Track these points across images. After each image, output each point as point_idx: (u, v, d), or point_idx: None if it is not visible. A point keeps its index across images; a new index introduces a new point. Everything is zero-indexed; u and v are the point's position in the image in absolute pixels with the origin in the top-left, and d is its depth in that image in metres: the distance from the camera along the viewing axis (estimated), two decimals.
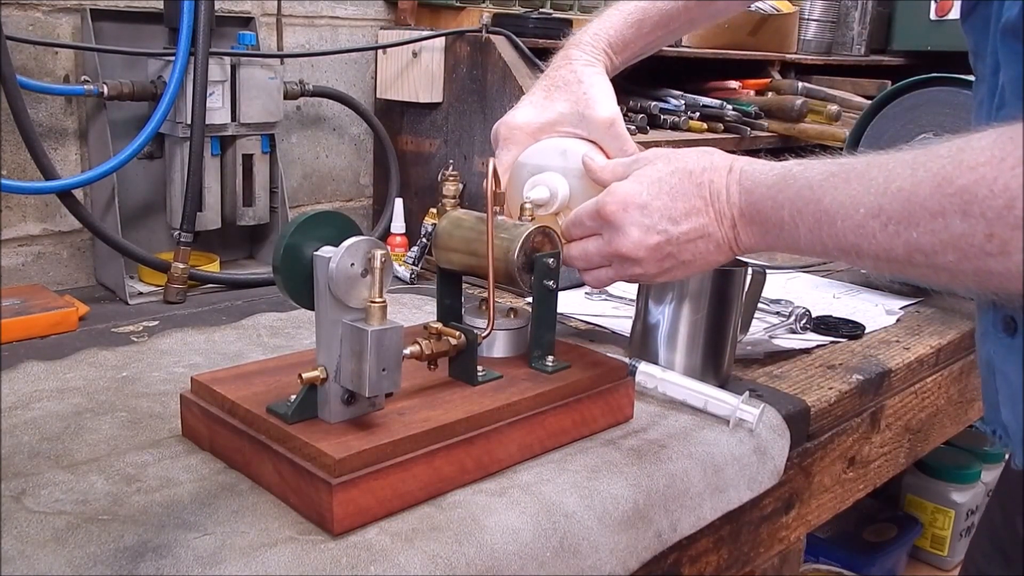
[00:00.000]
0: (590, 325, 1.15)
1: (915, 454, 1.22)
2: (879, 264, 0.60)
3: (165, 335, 1.01)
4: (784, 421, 0.89)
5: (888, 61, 2.11)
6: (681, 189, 0.71)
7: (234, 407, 0.70)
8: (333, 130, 1.49)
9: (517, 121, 0.88)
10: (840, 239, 0.61)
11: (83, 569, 0.57)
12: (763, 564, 0.96)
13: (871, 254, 0.59)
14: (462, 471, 0.69)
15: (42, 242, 1.20)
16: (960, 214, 0.53)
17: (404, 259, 1.33)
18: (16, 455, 0.71)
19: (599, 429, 0.81)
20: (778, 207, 0.65)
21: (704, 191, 0.70)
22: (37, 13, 1.14)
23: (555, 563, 0.65)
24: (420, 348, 0.73)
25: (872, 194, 0.58)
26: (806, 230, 0.63)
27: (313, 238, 0.67)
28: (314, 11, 1.42)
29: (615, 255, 0.75)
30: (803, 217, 0.63)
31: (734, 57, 1.72)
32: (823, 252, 0.64)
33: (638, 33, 0.91)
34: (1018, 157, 0.51)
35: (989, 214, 0.52)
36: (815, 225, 0.62)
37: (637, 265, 0.74)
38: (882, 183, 0.58)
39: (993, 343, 0.71)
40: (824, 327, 1.16)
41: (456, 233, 0.84)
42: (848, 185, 0.60)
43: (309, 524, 0.63)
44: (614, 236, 0.74)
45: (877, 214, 0.58)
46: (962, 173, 0.53)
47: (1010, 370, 0.69)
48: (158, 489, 0.67)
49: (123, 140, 1.15)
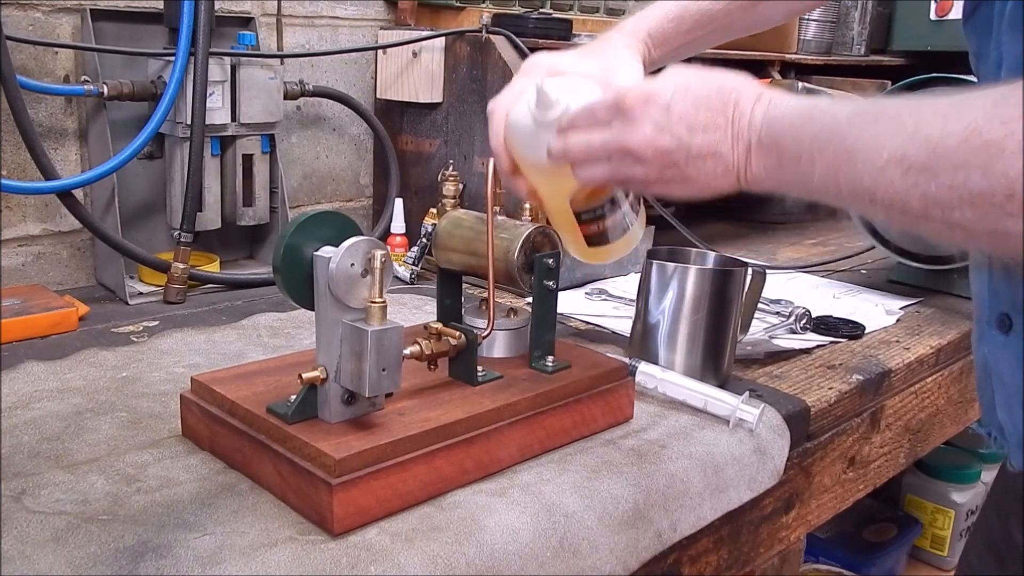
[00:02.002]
0: (590, 325, 1.15)
1: (915, 454, 1.22)
2: (891, 214, 0.57)
3: (165, 335, 1.01)
4: (784, 421, 0.89)
5: (888, 61, 2.11)
6: (707, 100, 0.66)
7: (234, 407, 0.70)
8: (333, 130, 1.49)
9: (541, 60, 0.84)
10: (856, 182, 0.57)
11: (83, 569, 0.57)
12: (763, 564, 0.96)
13: (885, 201, 0.56)
14: (462, 471, 0.69)
15: (42, 242, 1.20)
16: (982, 169, 0.50)
17: (404, 259, 1.33)
18: (16, 455, 0.71)
19: (599, 429, 0.81)
20: (798, 140, 0.62)
21: (729, 109, 0.65)
22: (37, 13, 1.14)
23: (555, 563, 0.65)
24: (420, 348, 0.73)
25: (899, 138, 0.55)
26: (823, 167, 0.59)
27: (313, 238, 0.67)
28: (314, 11, 1.42)
29: (620, 149, 0.69)
30: (823, 154, 0.59)
31: (734, 57, 1.72)
32: (835, 194, 0.60)
33: (677, 29, 0.89)
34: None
35: (1011, 173, 0.49)
36: (833, 163, 0.59)
37: (639, 164, 0.68)
38: (911, 128, 0.54)
39: (989, 343, 0.70)
40: (824, 327, 1.16)
41: (456, 233, 0.84)
42: (876, 126, 0.57)
43: (309, 524, 0.63)
44: (625, 128, 0.68)
45: (900, 160, 0.54)
46: (993, 128, 0.50)
47: (1005, 370, 0.68)
48: (158, 489, 0.67)
49: (123, 140, 1.15)
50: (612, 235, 0.81)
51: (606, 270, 1.39)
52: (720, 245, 1.62)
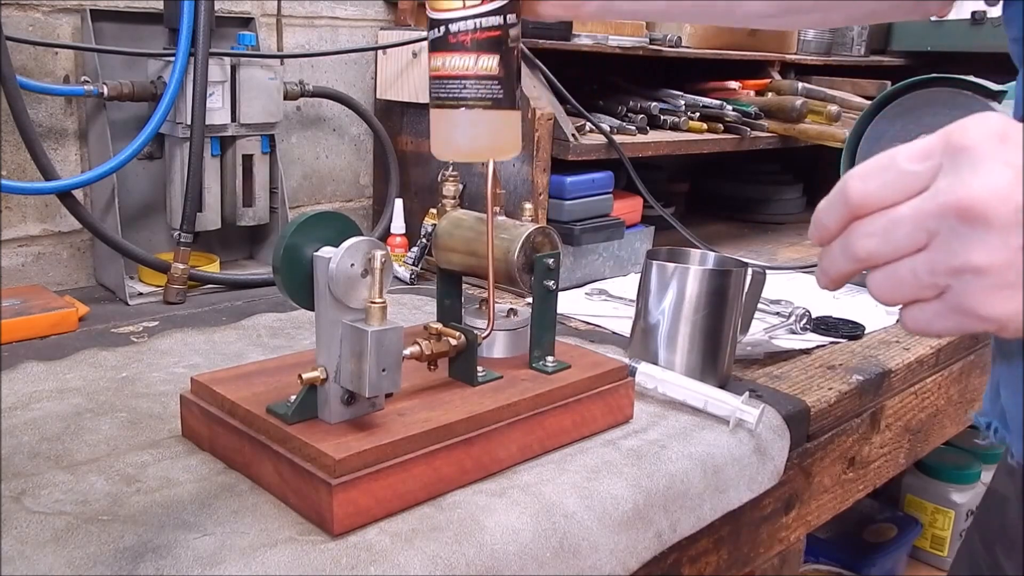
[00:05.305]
0: (590, 325, 1.15)
1: (915, 454, 1.22)
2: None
3: (165, 335, 1.01)
4: (784, 421, 0.89)
5: (888, 61, 2.11)
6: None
7: (234, 407, 0.70)
8: (333, 130, 1.49)
9: None
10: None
11: (83, 569, 0.57)
12: (763, 564, 0.96)
13: None
14: (462, 471, 0.69)
15: (42, 242, 1.20)
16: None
17: (404, 259, 1.33)
18: (16, 455, 0.71)
19: (599, 430, 0.81)
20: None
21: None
22: (37, 13, 1.14)
23: (555, 563, 0.65)
24: (420, 348, 0.73)
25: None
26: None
27: (313, 238, 0.67)
28: (314, 11, 1.42)
29: (943, 210, 0.41)
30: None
31: (734, 57, 1.72)
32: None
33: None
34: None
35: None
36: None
37: (975, 239, 0.40)
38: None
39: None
40: (824, 327, 1.16)
41: (456, 233, 0.84)
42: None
43: (309, 524, 0.63)
44: (961, 175, 0.41)
45: None
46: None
47: (1012, 346, 0.59)
48: (158, 489, 0.67)
49: (123, 140, 1.15)
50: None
51: (606, 270, 1.39)
52: (720, 245, 1.62)
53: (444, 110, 0.66)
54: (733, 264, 0.96)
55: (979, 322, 0.42)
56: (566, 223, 1.31)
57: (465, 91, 0.65)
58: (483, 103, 0.66)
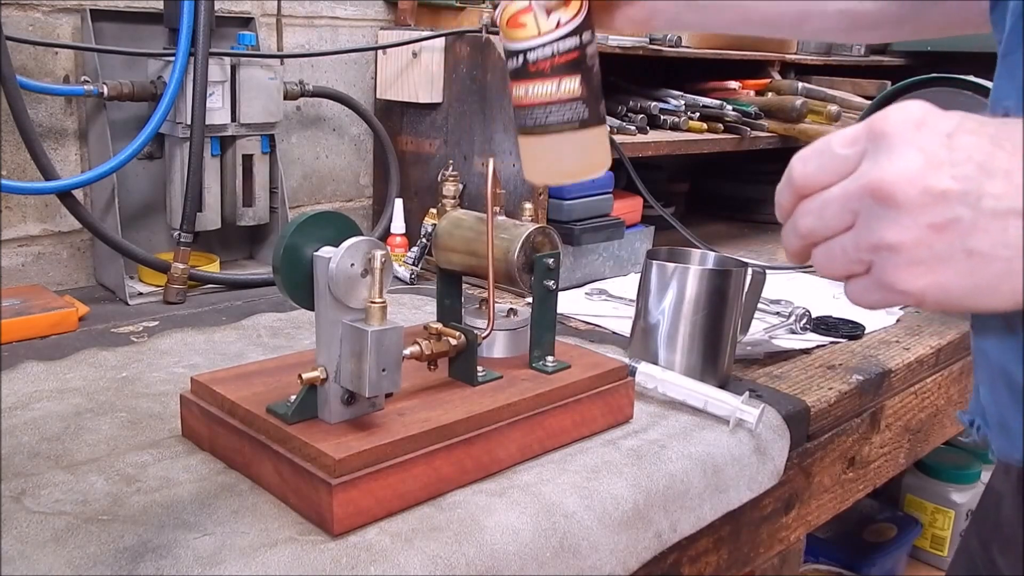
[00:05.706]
0: (590, 325, 1.15)
1: (915, 454, 1.22)
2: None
3: (165, 335, 1.01)
4: (784, 421, 0.89)
5: (888, 61, 2.11)
6: (1011, 137, 0.43)
7: (234, 407, 0.70)
8: (333, 130, 1.49)
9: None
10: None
11: (83, 569, 0.57)
12: (763, 564, 0.96)
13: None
14: (462, 471, 0.69)
15: (42, 242, 1.20)
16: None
17: (404, 259, 1.33)
18: (16, 455, 0.71)
19: (599, 429, 0.81)
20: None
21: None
22: (37, 13, 1.14)
23: (555, 563, 0.65)
24: (420, 348, 0.73)
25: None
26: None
27: (313, 238, 0.67)
28: (314, 11, 1.42)
29: (863, 189, 0.44)
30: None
31: (734, 57, 1.72)
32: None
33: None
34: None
35: None
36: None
37: (890, 217, 0.43)
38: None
39: (975, 315, 0.61)
40: (824, 327, 1.16)
41: (456, 233, 0.84)
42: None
43: (309, 524, 0.63)
44: (878, 158, 0.44)
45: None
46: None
47: (988, 346, 0.59)
48: (158, 489, 0.67)
49: (123, 140, 1.15)
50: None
51: (606, 270, 1.39)
52: (720, 245, 1.62)
53: (533, 137, 0.66)
54: (733, 264, 0.96)
55: (900, 296, 0.45)
56: (566, 223, 1.31)
57: (551, 117, 0.66)
58: (571, 126, 0.66)
